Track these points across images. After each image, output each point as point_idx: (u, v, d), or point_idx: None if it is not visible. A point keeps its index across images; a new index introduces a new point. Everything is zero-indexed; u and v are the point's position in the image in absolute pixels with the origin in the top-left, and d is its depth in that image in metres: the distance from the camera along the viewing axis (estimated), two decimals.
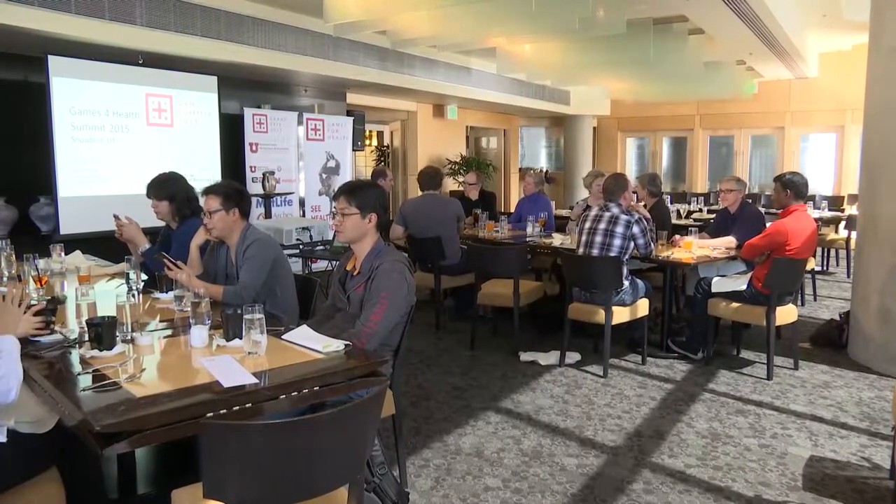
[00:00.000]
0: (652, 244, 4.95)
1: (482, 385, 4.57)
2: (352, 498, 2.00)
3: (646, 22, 7.32)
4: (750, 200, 6.07)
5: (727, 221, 5.55)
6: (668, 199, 7.58)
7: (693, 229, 5.58)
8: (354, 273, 3.00)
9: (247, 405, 2.06)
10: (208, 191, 3.43)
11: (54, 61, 5.54)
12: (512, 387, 4.53)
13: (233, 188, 3.46)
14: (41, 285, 3.36)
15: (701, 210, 8.92)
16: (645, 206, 6.03)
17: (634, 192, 5.63)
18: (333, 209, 3.07)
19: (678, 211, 8.22)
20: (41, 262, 3.56)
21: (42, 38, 5.08)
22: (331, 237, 5.69)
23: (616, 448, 3.60)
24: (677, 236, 5.45)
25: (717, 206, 8.38)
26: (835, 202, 10.02)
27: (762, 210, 6.34)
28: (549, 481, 3.23)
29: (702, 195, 10.15)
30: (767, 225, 5.00)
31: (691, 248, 5.11)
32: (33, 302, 2.95)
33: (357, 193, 2.96)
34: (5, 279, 3.62)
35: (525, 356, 5.10)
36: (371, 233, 2.98)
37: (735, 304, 4.82)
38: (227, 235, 3.44)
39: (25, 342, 2.34)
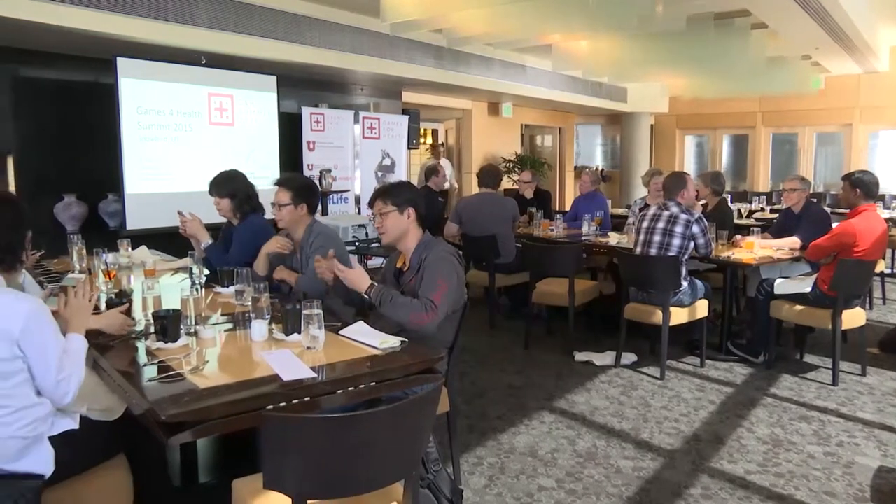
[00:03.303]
0: (712, 244, 4.84)
1: (536, 384, 4.55)
2: (407, 494, 2.01)
3: (707, 17, 7.15)
4: (815, 200, 5.88)
5: (791, 221, 5.38)
6: (728, 198, 7.39)
7: (755, 229, 5.43)
8: (405, 269, 3.02)
9: (305, 399, 2.09)
10: (280, 183, 3.52)
11: (122, 63, 5.73)
12: (566, 387, 4.49)
13: (304, 184, 3.55)
14: (110, 279, 3.49)
15: (763, 209, 8.68)
16: (706, 205, 5.89)
17: (696, 191, 5.51)
18: (371, 215, 3.11)
19: (739, 210, 8.00)
20: (110, 257, 3.69)
21: (111, 40, 5.26)
22: None
23: (673, 451, 3.54)
24: (738, 236, 5.32)
25: (780, 206, 8.14)
26: None
27: (828, 210, 6.13)
28: (604, 483, 3.19)
29: (764, 194, 9.86)
30: (834, 225, 4.83)
31: (753, 249, 4.98)
32: (102, 294, 3.08)
33: (391, 192, 3.00)
34: (77, 271, 3.76)
35: (580, 356, 5.05)
36: (413, 228, 3.00)
37: (799, 307, 4.67)
38: (294, 229, 3.54)
39: (96, 333, 2.43)
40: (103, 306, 2.74)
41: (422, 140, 11.44)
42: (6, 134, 5.69)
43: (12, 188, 5.68)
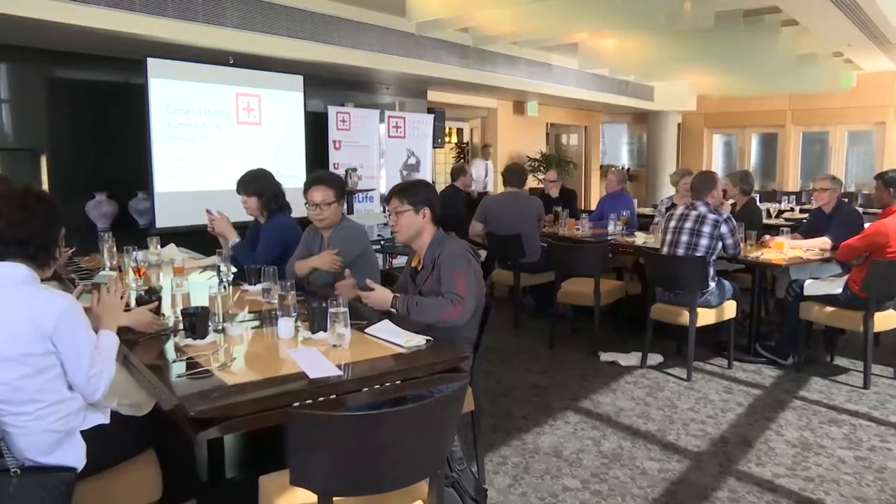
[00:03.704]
0: (741, 244, 4.78)
1: (561, 384, 4.53)
2: (432, 492, 2.02)
3: (735, 14, 7.06)
4: (846, 200, 5.77)
5: (821, 222, 5.29)
6: (757, 197, 7.29)
7: (784, 229, 5.35)
8: (419, 269, 3.03)
9: (331, 396, 2.11)
10: (319, 182, 3.51)
11: (152, 63, 5.81)
12: (592, 387, 4.46)
13: (340, 181, 3.57)
14: (140, 276, 3.54)
15: (792, 209, 8.54)
16: (734, 204, 5.82)
17: (724, 190, 5.45)
18: (387, 212, 3.11)
19: (768, 210, 7.89)
20: (139, 254, 3.74)
21: (141, 41, 5.34)
22: None
23: (700, 454, 3.50)
24: (767, 236, 5.25)
25: (810, 206, 8.01)
26: None
27: (859, 210, 6.02)
28: (630, 485, 3.17)
29: (793, 194, 9.70)
30: (866, 225, 4.74)
31: (782, 249, 4.91)
32: (132, 291, 3.12)
33: (408, 191, 3.00)
34: (108, 269, 3.82)
35: (605, 356, 5.02)
36: (428, 227, 3.00)
37: (829, 308, 4.60)
38: (333, 225, 3.54)
39: (125, 329, 2.47)
40: (133, 303, 2.78)
41: (447, 139, 11.44)
42: (40, 133, 5.81)
43: (46, 186, 5.79)
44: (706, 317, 4.64)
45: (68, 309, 2.01)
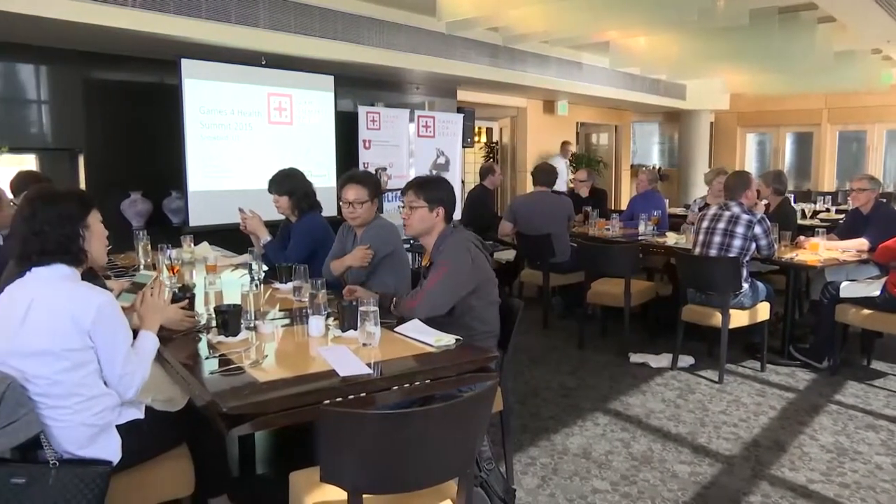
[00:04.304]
0: (775, 245, 4.70)
1: (590, 385, 4.50)
2: (461, 491, 2.02)
3: (771, 11, 6.94)
4: (884, 200, 5.65)
5: (859, 222, 5.18)
6: (791, 198, 7.17)
7: (820, 230, 5.25)
8: (429, 266, 3.05)
9: (361, 394, 2.12)
10: (353, 181, 3.52)
11: (186, 64, 5.89)
12: (621, 388, 4.43)
13: (374, 180, 3.59)
14: (174, 273, 3.60)
15: (828, 210, 8.38)
16: (768, 205, 5.73)
17: (757, 191, 5.37)
18: (401, 203, 3.11)
19: (803, 211, 7.76)
20: (173, 252, 3.80)
21: (176, 42, 5.41)
22: None
23: (731, 457, 3.46)
24: (802, 237, 5.16)
25: (847, 206, 7.85)
26: None
27: None
28: (660, 487, 3.14)
29: (829, 194, 9.51)
30: None
31: (818, 250, 4.82)
32: (166, 289, 3.17)
33: (426, 187, 3.00)
34: (142, 266, 3.89)
35: (635, 357, 4.98)
36: (438, 226, 3.01)
37: (866, 311, 4.50)
38: (366, 223, 3.57)
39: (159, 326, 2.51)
40: (167, 300, 2.83)
41: (476, 139, 11.43)
42: (77, 133, 5.92)
43: (83, 185, 5.91)
44: (739, 318, 4.58)
45: (107, 305, 2.06)
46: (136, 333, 2.25)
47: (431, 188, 3.00)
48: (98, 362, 2.07)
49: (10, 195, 3.77)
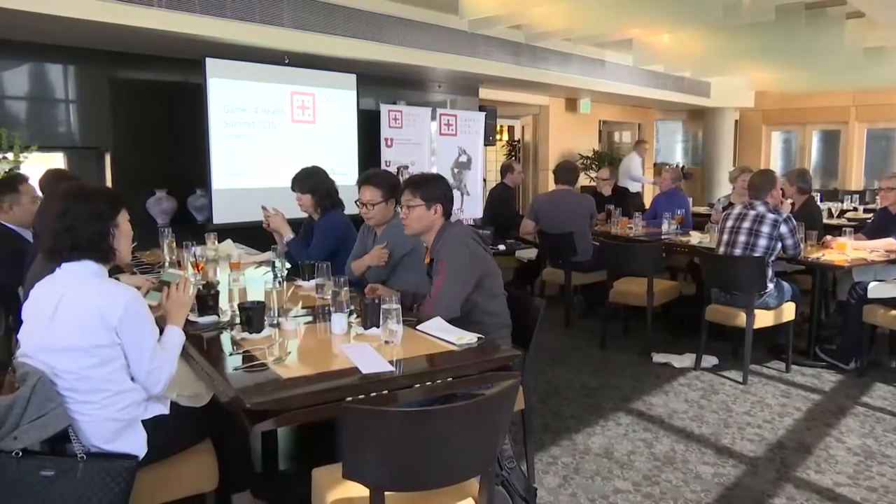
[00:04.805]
0: (801, 244, 4.64)
1: (613, 385, 4.48)
2: (483, 490, 2.02)
3: (797, 7, 6.84)
4: None
5: (887, 222, 5.09)
6: (818, 196, 7.07)
7: (847, 229, 5.17)
8: (430, 263, 3.06)
9: (383, 392, 2.13)
10: (368, 182, 3.55)
11: (211, 63, 5.94)
12: (644, 388, 4.40)
13: (391, 181, 3.59)
14: (198, 270, 3.63)
15: (856, 209, 8.25)
16: (793, 204, 5.65)
17: (781, 189, 5.30)
18: (400, 203, 3.11)
19: (829, 210, 7.64)
20: (198, 249, 3.84)
21: (200, 42, 5.47)
22: None
23: (756, 459, 3.42)
24: (829, 237, 5.09)
25: (875, 205, 7.72)
26: None
27: None
28: (683, 488, 3.12)
29: (856, 193, 9.36)
30: None
31: (845, 250, 4.75)
32: (191, 286, 3.20)
33: (422, 185, 3.01)
34: (167, 263, 3.93)
35: (658, 357, 4.94)
36: (437, 223, 3.01)
37: (895, 312, 4.43)
38: (383, 223, 3.58)
39: (185, 322, 2.54)
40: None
41: (498, 137, 11.41)
42: (104, 132, 6.00)
43: (109, 183, 5.99)
44: (764, 319, 4.52)
45: (133, 301, 2.09)
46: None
47: (427, 186, 3.01)
48: (125, 358, 2.10)
49: (38, 193, 3.83)
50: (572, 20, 6.97)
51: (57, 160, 5.88)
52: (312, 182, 4.08)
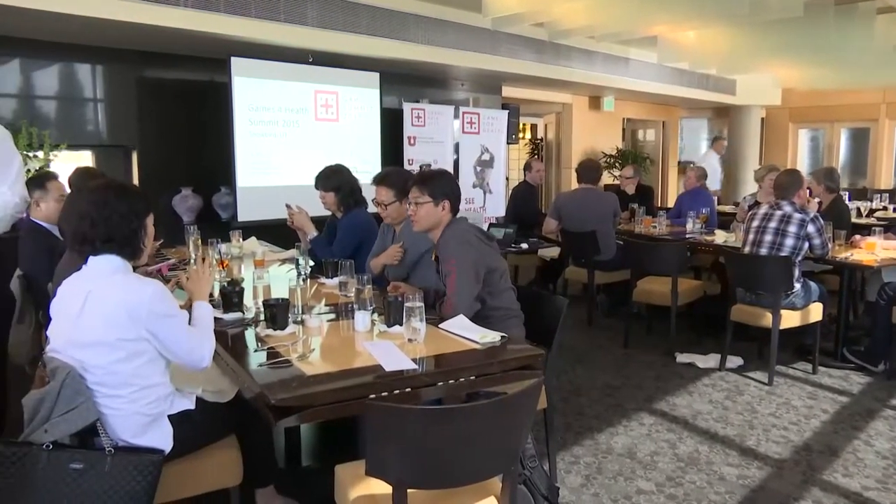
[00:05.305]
0: (829, 244, 4.57)
1: (636, 385, 4.45)
2: (505, 489, 2.02)
3: (826, 2, 6.74)
4: None
5: None
6: (846, 195, 6.96)
7: (877, 229, 5.09)
8: (437, 259, 3.05)
9: (406, 390, 2.13)
10: (381, 182, 3.58)
11: (236, 62, 5.98)
12: (667, 388, 4.37)
13: (403, 180, 3.59)
14: (223, 268, 3.67)
15: (885, 208, 8.11)
16: (820, 203, 5.57)
17: (808, 189, 5.23)
18: (409, 200, 3.11)
19: (858, 209, 7.52)
20: (223, 247, 3.87)
21: (226, 41, 5.51)
22: (485, 228, 5.74)
23: (781, 461, 3.38)
24: (858, 236, 5.01)
25: None
26: None
27: None
28: (707, 490, 3.09)
29: (886, 192, 9.20)
30: None
31: (874, 250, 4.67)
32: (215, 283, 3.24)
33: (429, 182, 3.00)
34: (192, 261, 3.98)
35: (682, 357, 4.90)
36: (445, 219, 3.01)
37: None
38: (400, 222, 3.59)
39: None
40: (217, 294, 2.89)
41: (521, 135, 11.37)
42: (131, 131, 6.08)
43: (136, 181, 6.07)
44: (790, 319, 4.47)
45: (158, 292, 2.12)
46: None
47: (435, 182, 3.00)
48: (159, 349, 2.13)
49: (67, 190, 3.89)
50: (596, 17, 6.92)
51: (85, 158, 5.96)
52: (336, 180, 4.11)
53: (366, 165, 6.71)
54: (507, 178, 8.93)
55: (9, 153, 3.05)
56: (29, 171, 4.99)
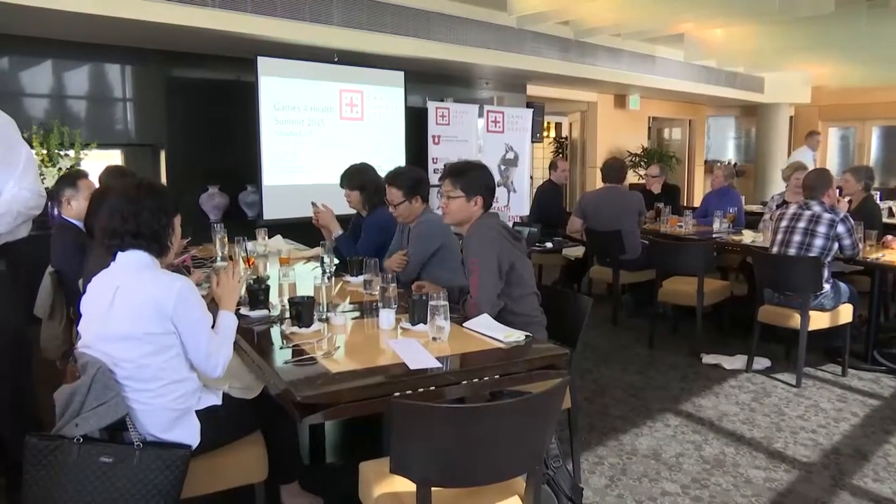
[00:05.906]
0: (859, 244, 4.50)
1: (660, 385, 4.41)
2: (529, 488, 2.01)
3: None
4: None
5: None
6: (877, 195, 6.84)
7: None
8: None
9: (430, 388, 2.14)
10: (390, 183, 3.60)
11: (262, 62, 6.04)
12: (693, 390, 4.32)
13: (412, 179, 3.59)
14: (249, 265, 3.70)
15: None
16: (850, 202, 5.48)
17: (838, 188, 5.15)
18: (440, 192, 3.04)
19: (890, 209, 7.38)
20: (249, 245, 3.91)
21: (252, 40, 5.56)
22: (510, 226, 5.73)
23: (810, 464, 3.33)
24: (890, 237, 4.92)
25: None
26: None
27: None
28: (733, 492, 3.06)
29: None
30: None
31: None
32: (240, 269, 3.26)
33: (463, 175, 2.91)
34: (220, 258, 4.02)
35: (708, 358, 4.85)
36: (476, 215, 2.93)
37: None
38: (412, 220, 3.60)
39: (237, 316, 2.59)
40: (243, 290, 2.92)
41: (545, 134, 11.33)
42: (159, 129, 6.16)
43: (164, 179, 6.15)
44: (819, 321, 4.40)
45: (186, 290, 2.15)
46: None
47: (469, 177, 2.90)
48: (182, 346, 2.16)
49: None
50: (622, 15, 6.88)
51: (115, 157, 6.05)
52: (361, 179, 4.12)
53: (390, 164, 6.65)
54: (532, 177, 8.90)
55: (13, 143, 2.90)
56: (60, 169, 5.09)
